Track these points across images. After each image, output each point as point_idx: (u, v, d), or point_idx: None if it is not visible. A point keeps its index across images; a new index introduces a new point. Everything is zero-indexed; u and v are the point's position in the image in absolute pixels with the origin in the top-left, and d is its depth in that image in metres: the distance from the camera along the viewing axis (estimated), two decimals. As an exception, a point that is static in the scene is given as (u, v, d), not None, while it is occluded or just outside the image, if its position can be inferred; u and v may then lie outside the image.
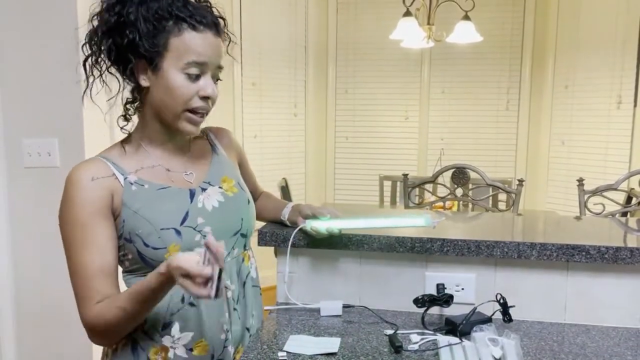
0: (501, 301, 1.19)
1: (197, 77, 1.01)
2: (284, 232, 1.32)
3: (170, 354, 1.04)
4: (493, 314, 1.23)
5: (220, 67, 1.06)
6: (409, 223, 1.27)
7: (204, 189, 1.10)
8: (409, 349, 1.10)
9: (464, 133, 4.39)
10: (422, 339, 1.15)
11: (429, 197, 2.88)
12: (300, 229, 1.26)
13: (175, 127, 1.05)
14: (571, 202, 3.98)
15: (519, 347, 1.10)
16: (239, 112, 3.92)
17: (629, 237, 1.41)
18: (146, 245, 1.01)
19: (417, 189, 2.61)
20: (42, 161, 2.38)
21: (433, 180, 2.43)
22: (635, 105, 3.60)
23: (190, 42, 1.00)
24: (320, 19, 4.43)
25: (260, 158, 3.97)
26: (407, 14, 3.15)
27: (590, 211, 2.39)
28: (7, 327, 2.43)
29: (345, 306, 1.30)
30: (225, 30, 1.09)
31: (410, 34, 3.26)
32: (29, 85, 2.31)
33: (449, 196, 2.39)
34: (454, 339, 1.13)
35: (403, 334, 1.17)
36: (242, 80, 3.95)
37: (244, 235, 1.16)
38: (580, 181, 2.51)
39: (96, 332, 1.00)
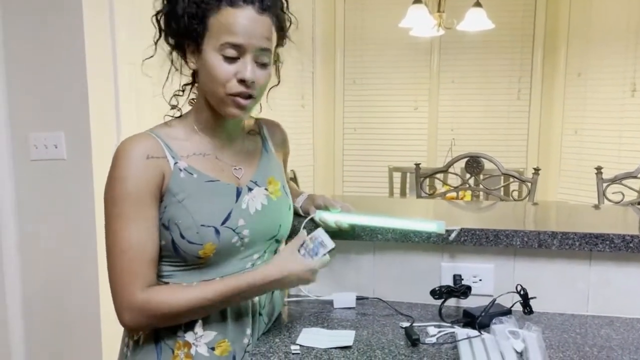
0: (522, 292, 1.14)
1: (234, 59, 0.95)
2: (295, 222, 1.28)
3: (192, 351, 1.01)
4: (512, 306, 1.19)
5: (265, 50, 0.97)
6: (421, 227, 1.20)
7: (250, 189, 1.06)
8: (426, 342, 1.06)
9: (474, 123, 4.32)
10: (440, 331, 1.11)
11: (441, 188, 2.84)
12: (311, 219, 1.22)
13: (221, 112, 1.00)
14: (583, 192, 3.92)
15: (541, 339, 1.06)
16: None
17: (652, 226, 1.36)
18: (182, 237, 0.97)
19: (427, 180, 2.56)
20: (48, 153, 2.35)
21: (446, 169, 2.38)
22: (650, 93, 3.53)
23: (227, 20, 0.93)
24: (328, 8, 4.37)
25: (268, 150, 3.90)
26: (417, 1, 3.08)
27: (609, 200, 2.33)
28: (15, 323, 2.42)
29: (358, 298, 1.27)
30: (283, 10, 1.01)
31: (419, 22, 3.19)
32: (35, 79, 2.28)
33: (462, 186, 2.34)
34: (472, 332, 1.09)
35: (419, 326, 1.13)
36: (249, 71, 3.89)
37: (277, 241, 1.12)
38: (599, 169, 2.45)
39: (147, 315, 0.95)
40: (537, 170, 2.31)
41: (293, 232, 1.14)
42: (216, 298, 0.97)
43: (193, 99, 1.07)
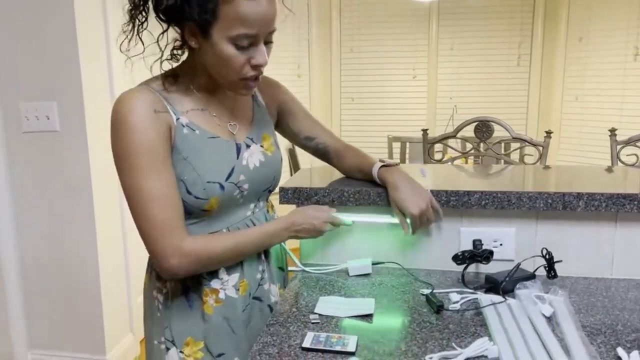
0: (547, 256, 1.10)
1: (248, 47, 0.95)
2: (306, 190, 1.22)
3: (222, 295, 1.06)
4: (536, 270, 1.14)
5: (272, 31, 0.97)
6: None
7: (248, 146, 1.09)
8: (450, 308, 1.02)
9: (474, 91, 4.25)
10: (463, 297, 1.07)
11: (443, 157, 2.78)
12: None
13: (229, 90, 1.04)
14: (584, 159, 3.89)
15: (569, 303, 1.02)
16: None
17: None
18: (189, 192, 1.00)
19: (433, 147, 2.50)
20: (40, 125, 2.27)
21: (455, 134, 2.32)
22: (653, 57, 3.47)
23: (241, 10, 0.90)
24: (323, -26, 4.24)
25: (264, 121, 3.82)
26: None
27: (623, 162, 2.29)
28: (14, 297, 2.37)
29: (374, 263, 1.22)
30: None
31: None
32: (24, 47, 2.19)
33: (472, 151, 2.28)
34: (496, 298, 1.05)
35: (441, 293, 1.09)
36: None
37: (270, 191, 1.17)
38: (613, 131, 2.39)
39: (195, 260, 0.99)
40: (549, 134, 2.26)
41: (309, 194, 1.08)
42: (247, 240, 1.05)
43: (174, 58, 1.03)
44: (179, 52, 1.03)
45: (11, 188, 2.33)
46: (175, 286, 1.06)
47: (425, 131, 2.49)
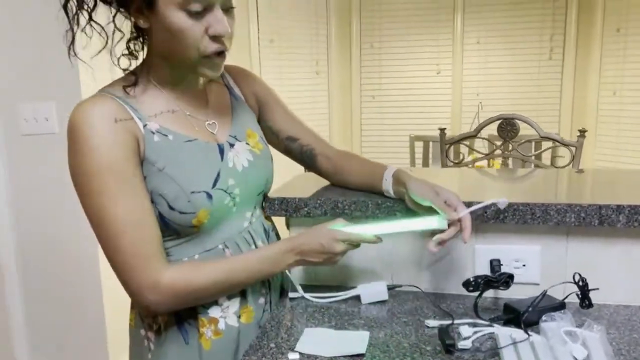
0: (581, 283, 0.91)
1: (201, 13, 0.82)
2: (295, 200, 1.06)
3: (221, 325, 0.93)
4: (566, 298, 0.96)
5: None
6: (422, 226, 0.94)
7: (232, 145, 0.97)
8: (459, 347, 0.84)
9: (502, 87, 4.02)
10: (476, 332, 0.89)
11: (467, 157, 2.58)
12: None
13: (192, 72, 0.89)
14: (623, 158, 3.62)
15: (606, 342, 0.84)
16: (257, 72, 3.63)
17: None
18: (172, 208, 0.87)
19: (453, 147, 2.30)
20: (39, 127, 2.20)
21: (475, 134, 2.12)
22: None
23: None
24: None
25: (280, 120, 3.68)
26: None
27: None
28: (15, 300, 2.29)
29: (390, 287, 1.04)
30: None
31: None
32: (21, 47, 2.11)
33: (494, 153, 2.08)
34: (517, 332, 0.87)
35: (450, 325, 0.91)
36: (258, 37, 3.65)
37: (265, 195, 1.05)
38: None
39: (173, 294, 0.86)
40: (582, 133, 2.03)
41: (297, 205, 0.92)
42: (241, 267, 0.90)
43: (132, 51, 0.91)
44: (136, 47, 0.91)
45: (11, 191, 2.26)
46: (169, 319, 0.92)
47: (442, 130, 2.28)
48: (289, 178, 1.26)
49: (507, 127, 2.00)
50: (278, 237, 1.09)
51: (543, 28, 3.91)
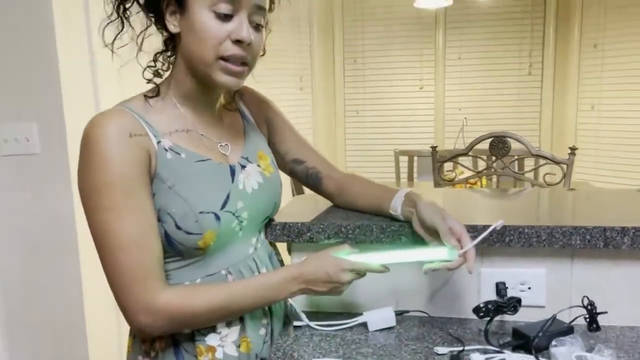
0: (589, 307, 0.91)
1: (228, 17, 0.84)
2: (298, 225, 1.04)
3: (219, 354, 0.90)
4: (573, 321, 0.95)
5: (261, 8, 0.86)
6: (431, 256, 0.92)
7: (243, 167, 0.96)
8: (472, 375, 0.83)
9: (483, 101, 4.06)
10: (487, 358, 0.88)
11: (453, 174, 2.59)
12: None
13: (210, 80, 0.87)
14: (602, 172, 3.68)
15: (618, 367, 0.83)
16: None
17: None
18: (179, 228, 0.85)
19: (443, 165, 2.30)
20: (20, 148, 2.13)
21: (467, 152, 2.13)
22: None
23: None
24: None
25: (265, 136, 3.66)
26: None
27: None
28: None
29: (398, 313, 1.02)
30: None
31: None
32: (1, 66, 2.05)
33: (487, 170, 2.09)
34: (528, 358, 0.86)
35: (461, 352, 0.90)
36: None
37: (270, 220, 1.04)
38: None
39: (168, 317, 0.83)
40: (573, 150, 2.05)
41: (300, 230, 0.90)
42: (242, 293, 0.87)
43: (159, 70, 0.91)
44: (163, 65, 0.92)
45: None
46: (166, 345, 0.90)
47: (434, 148, 2.29)
48: (283, 202, 1.24)
49: (499, 144, 2.02)
50: (282, 263, 1.07)
51: (522, 44, 3.98)
